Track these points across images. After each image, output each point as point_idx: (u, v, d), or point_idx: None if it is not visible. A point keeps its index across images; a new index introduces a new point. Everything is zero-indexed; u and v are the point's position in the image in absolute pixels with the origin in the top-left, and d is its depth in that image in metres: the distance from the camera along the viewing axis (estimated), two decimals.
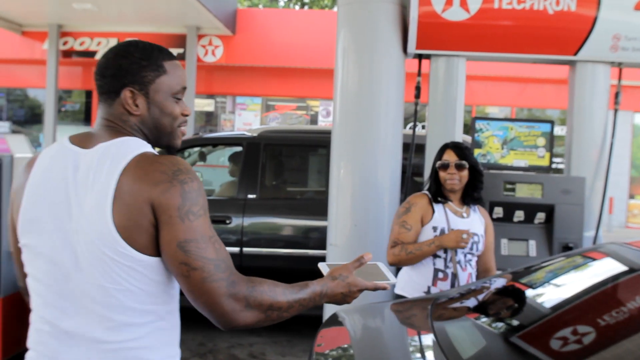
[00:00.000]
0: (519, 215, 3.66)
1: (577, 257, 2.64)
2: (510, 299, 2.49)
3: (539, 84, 14.08)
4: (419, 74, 3.94)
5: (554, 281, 2.57)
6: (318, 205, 5.05)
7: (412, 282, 2.91)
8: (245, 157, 5.26)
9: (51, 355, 1.39)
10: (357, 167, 3.73)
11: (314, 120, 14.17)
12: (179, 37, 13.52)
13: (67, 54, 14.07)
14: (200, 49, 13.44)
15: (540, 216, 3.66)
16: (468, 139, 4.52)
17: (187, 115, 1.54)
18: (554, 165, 3.86)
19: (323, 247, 4.69)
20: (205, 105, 14.36)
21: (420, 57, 3.92)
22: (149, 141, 1.48)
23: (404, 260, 2.84)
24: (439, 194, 2.97)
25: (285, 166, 5.93)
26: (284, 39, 13.18)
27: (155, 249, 1.35)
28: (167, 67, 1.48)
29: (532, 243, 3.65)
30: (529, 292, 2.46)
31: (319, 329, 2.33)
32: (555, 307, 2.21)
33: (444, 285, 2.84)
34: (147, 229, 1.33)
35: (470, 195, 2.96)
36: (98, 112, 1.49)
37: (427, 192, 3.02)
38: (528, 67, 13.02)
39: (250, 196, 5.21)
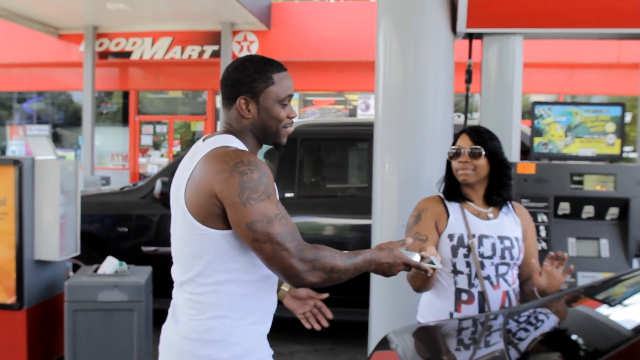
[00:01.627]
0: (589, 211, 3.25)
1: None
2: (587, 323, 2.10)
3: (585, 69, 13.43)
4: (470, 55, 3.55)
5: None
6: (360, 203, 4.72)
7: (432, 308, 2.35)
8: (282, 154, 4.96)
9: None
10: (404, 161, 3.37)
11: (352, 114, 13.83)
12: (213, 34, 13.35)
13: (104, 55, 14.05)
14: (236, 45, 13.24)
15: (613, 211, 3.24)
16: (527, 129, 4.12)
17: (292, 118, 1.81)
18: (624, 155, 3.42)
19: (367, 247, 4.37)
20: None
21: (471, 37, 3.53)
22: (257, 140, 1.81)
23: (413, 283, 2.25)
24: (453, 191, 2.40)
25: (325, 162, 5.60)
26: (320, 32, 12.88)
27: (221, 223, 1.66)
28: (276, 79, 1.77)
29: (604, 242, 3.24)
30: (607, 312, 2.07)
31: (372, 353, 2.01)
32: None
33: (469, 310, 2.24)
34: (209, 208, 1.65)
35: (495, 193, 2.36)
36: (221, 115, 1.83)
37: (440, 194, 2.47)
38: (574, 52, 12.41)
39: (287, 195, 4.92)
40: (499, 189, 2.37)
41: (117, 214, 5.18)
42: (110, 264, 3.75)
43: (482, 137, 2.37)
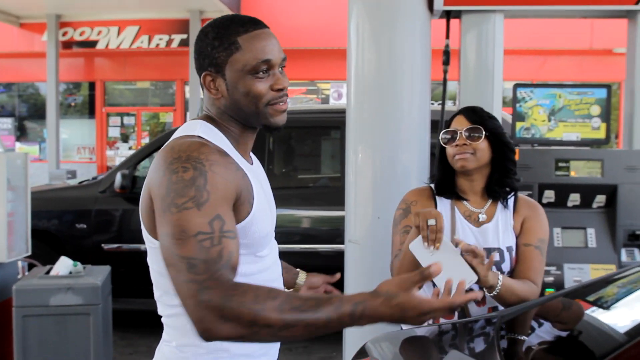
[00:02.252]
0: (574, 198, 3.06)
1: None
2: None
3: (558, 55, 13.38)
4: (447, 35, 3.33)
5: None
6: (335, 194, 4.50)
7: None
8: None
9: None
10: (378, 150, 3.14)
11: (325, 103, 13.60)
12: (182, 22, 12.98)
13: (68, 44, 13.60)
14: None
15: (600, 199, 3.06)
16: (508, 116, 3.92)
17: (280, 90, 1.40)
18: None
19: (341, 240, 4.16)
20: None
21: (448, 16, 3.31)
22: (242, 124, 1.45)
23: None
24: (446, 184, 2.10)
25: (296, 151, 5.36)
26: (290, 20, 12.60)
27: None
28: (241, 42, 1.38)
29: (591, 232, 3.05)
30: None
31: None
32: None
33: None
34: (149, 214, 1.34)
35: (497, 183, 2.06)
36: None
37: (430, 185, 2.18)
38: (547, 38, 12.31)
39: None
40: (502, 177, 2.06)
41: (74, 210, 4.87)
42: (64, 265, 3.47)
43: (481, 116, 2.07)
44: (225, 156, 1.35)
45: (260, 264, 1.45)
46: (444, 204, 2.09)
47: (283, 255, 1.65)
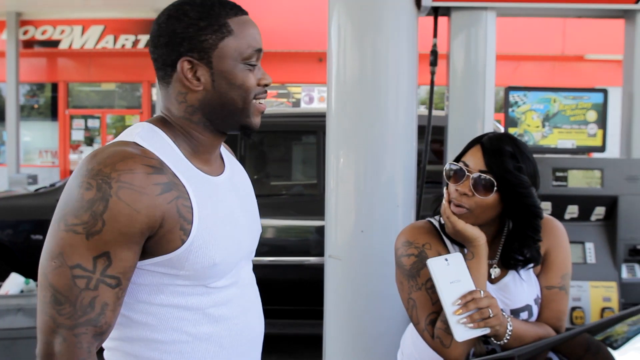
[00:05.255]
0: (572, 210, 2.85)
1: None
2: None
3: (532, 61, 13.39)
4: (435, 34, 3.11)
5: None
6: (312, 202, 4.25)
7: (417, 353, 1.70)
8: None
9: None
10: (362, 155, 2.89)
11: (296, 107, 13.35)
12: (148, 22, 12.59)
13: (29, 44, 13.12)
14: None
15: (599, 211, 2.86)
16: (499, 126, 3.72)
17: (266, 85, 1.26)
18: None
19: (319, 252, 3.90)
20: None
21: (436, 13, 3.09)
22: (212, 127, 1.23)
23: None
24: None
25: (268, 157, 5.09)
26: (262, 23, 11.96)
27: None
28: (233, 26, 1.20)
29: (590, 246, 2.85)
30: None
31: None
32: None
33: None
34: None
35: (515, 251, 1.61)
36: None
37: (433, 220, 1.72)
38: (520, 43, 12.27)
39: None
40: (521, 247, 1.59)
41: (30, 220, 4.52)
42: (14, 282, 3.14)
43: (502, 162, 1.53)
44: (150, 175, 1.11)
45: (214, 297, 1.22)
46: (455, 248, 1.67)
47: (257, 269, 1.40)
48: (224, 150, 1.42)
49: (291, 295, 4.13)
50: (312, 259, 4.18)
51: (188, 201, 1.15)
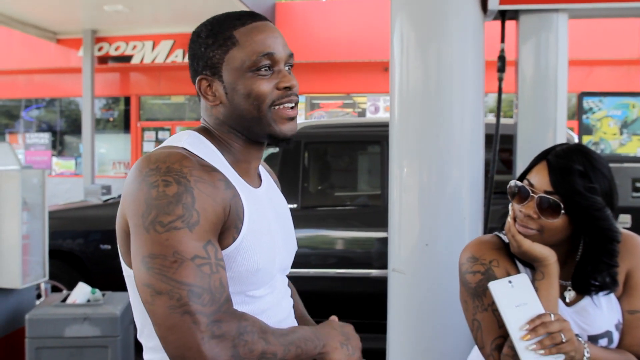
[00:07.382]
0: None
1: None
2: None
3: (606, 66, 12.84)
4: (502, 39, 2.99)
5: None
6: (375, 213, 4.17)
7: None
8: (283, 160, 4.40)
9: None
10: (426, 164, 2.81)
11: (362, 116, 13.29)
12: None
13: (103, 60, 13.60)
14: None
15: None
16: (572, 134, 3.54)
17: (288, 89, 1.20)
18: None
19: (382, 265, 3.81)
20: None
21: (503, 17, 2.96)
22: (245, 137, 1.24)
23: None
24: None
25: (332, 168, 5.04)
26: (326, 33, 12.37)
27: None
28: (238, 36, 1.19)
29: None
30: None
31: None
32: None
33: None
34: (124, 237, 1.15)
35: (588, 276, 1.47)
36: None
37: (501, 235, 1.60)
38: (593, 47, 11.80)
39: (290, 206, 4.36)
40: (594, 271, 1.46)
41: (99, 230, 4.63)
42: (82, 292, 3.21)
43: (571, 183, 1.40)
44: (211, 172, 1.13)
45: (251, 306, 1.21)
46: (523, 271, 1.54)
47: (322, 281, 1.37)
48: (262, 168, 1.41)
49: (354, 307, 4.06)
50: (375, 272, 4.09)
51: (241, 201, 1.17)
